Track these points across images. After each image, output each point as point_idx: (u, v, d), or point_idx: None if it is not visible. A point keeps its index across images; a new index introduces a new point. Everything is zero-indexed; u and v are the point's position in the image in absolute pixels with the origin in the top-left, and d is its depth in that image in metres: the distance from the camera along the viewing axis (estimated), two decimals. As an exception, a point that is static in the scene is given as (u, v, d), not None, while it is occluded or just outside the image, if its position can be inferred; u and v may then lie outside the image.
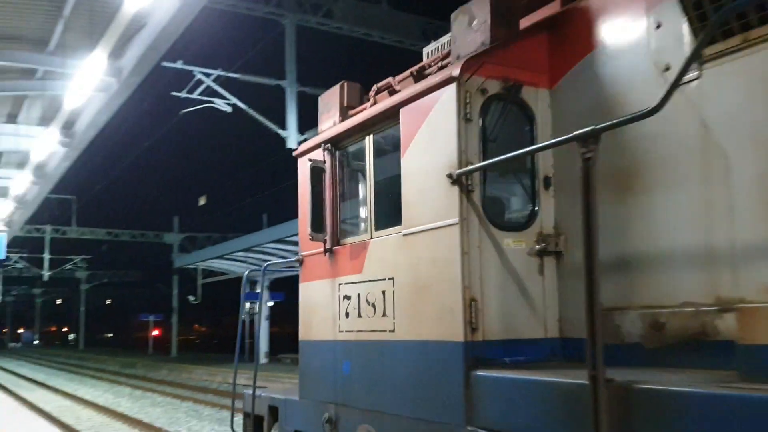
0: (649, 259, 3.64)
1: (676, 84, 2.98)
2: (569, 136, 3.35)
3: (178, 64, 21.09)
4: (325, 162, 5.83)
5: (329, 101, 6.22)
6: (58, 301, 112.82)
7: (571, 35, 4.56)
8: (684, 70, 2.97)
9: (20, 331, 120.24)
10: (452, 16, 4.89)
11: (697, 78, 3.60)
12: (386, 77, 5.70)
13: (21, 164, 18.41)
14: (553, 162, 4.54)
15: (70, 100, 11.33)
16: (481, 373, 3.99)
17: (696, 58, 3.10)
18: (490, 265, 4.33)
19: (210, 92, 21.79)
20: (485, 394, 3.92)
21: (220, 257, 35.81)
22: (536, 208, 4.56)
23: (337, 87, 6.16)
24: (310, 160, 5.91)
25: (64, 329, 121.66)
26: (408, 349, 4.68)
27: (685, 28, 3.61)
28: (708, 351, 3.36)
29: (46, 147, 13.92)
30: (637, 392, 3.03)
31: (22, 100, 16.06)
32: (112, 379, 32.75)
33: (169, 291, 53.72)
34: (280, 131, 21.27)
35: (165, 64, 20.44)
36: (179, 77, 21.99)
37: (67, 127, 16.68)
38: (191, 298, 45.35)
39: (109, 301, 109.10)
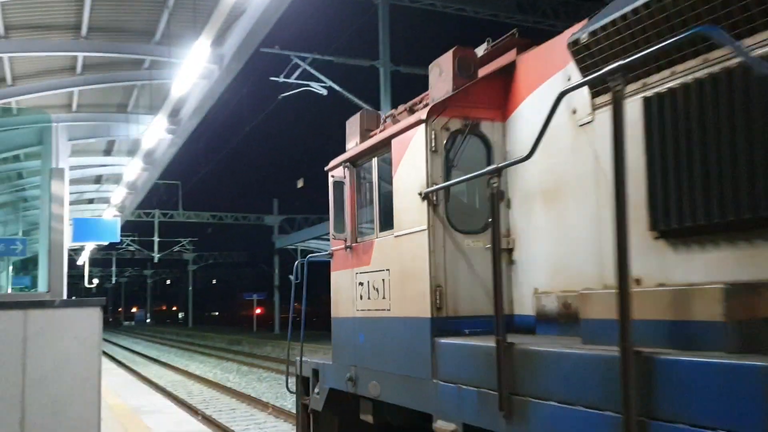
0: (564, 254, 4.74)
1: (540, 137, 4.05)
2: (481, 171, 4.81)
3: (276, 50, 21.53)
4: (345, 177, 7.21)
5: (353, 126, 7.59)
6: (168, 282, 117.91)
7: (519, 79, 5.81)
8: (543, 130, 4.02)
9: (133, 310, 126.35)
10: (429, 67, 6.23)
11: (591, 121, 4.78)
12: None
13: (131, 152, 19.33)
14: (505, 180, 5.75)
15: (176, 88, 11.80)
16: (441, 340, 5.35)
17: (545, 130, 4.05)
18: (453, 260, 5.62)
19: (306, 76, 22.14)
20: (443, 356, 5.31)
21: (318, 238, 36.47)
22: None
23: (358, 114, 7.55)
24: (332, 176, 7.43)
25: (174, 308, 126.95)
26: (398, 323, 6.06)
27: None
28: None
29: (155, 134, 14.56)
30: (520, 351, 4.33)
31: (131, 90, 16.83)
32: (219, 355, 34.03)
33: (271, 270, 55.23)
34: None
35: (263, 49, 20.95)
36: (277, 62, 22.46)
37: (173, 114, 17.35)
38: (291, 277, 46.66)
39: (214, 281, 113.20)
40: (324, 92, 22.12)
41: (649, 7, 4.02)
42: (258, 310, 68.75)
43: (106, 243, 28.78)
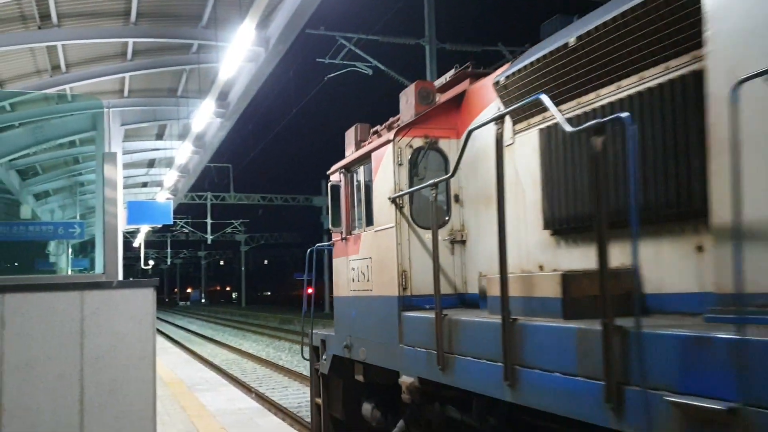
0: (496, 245, 5.33)
1: (458, 162, 5.57)
2: (424, 185, 6.17)
3: (321, 31, 21.56)
4: (341, 181, 8.56)
5: (349, 137, 8.85)
6: (221, 262, 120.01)
7: (469, 105, 6.99)
8: (460, 156, 5.57)
9: (188, 290, 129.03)
10: (399, 95, 7.72)
11: (512, 144, 5.97)
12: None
13: (182, 135, 19.66)
14: (459, 185, 7.06)
15: (223, 71, 11.92)
16: (405, 313, 6.63)
17: (460, 160, 5.57)
18: (415, 250, 6.90)
19: (351, 56, 22.14)
20: (406, 326, 6.59)
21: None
22: (449, 215, 7.10)
23: (353, 127, 8.76)
24: (330, 179, 8.89)
25: (227, 288, 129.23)
26: (377, 300, 7.37)
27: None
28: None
29: (204, 118, 14.77)
30: (449, 321, 5.64)
31: (180, 74, 17.10)
32: (272, 334, 34.58)
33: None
34: (421, 90, 21.30)
35: (308, 31, 21.00)
36: (322, 43, 22.53)
37: (222, 98, 17.58)
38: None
39: (266, 262, 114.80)
40: (369, 72, 22.10)
41: (540, 62, 5.43)
42: (309, 290, 69.41)
43: (159, 225, 29.38)
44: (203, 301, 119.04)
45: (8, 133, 17.64)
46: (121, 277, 13.66)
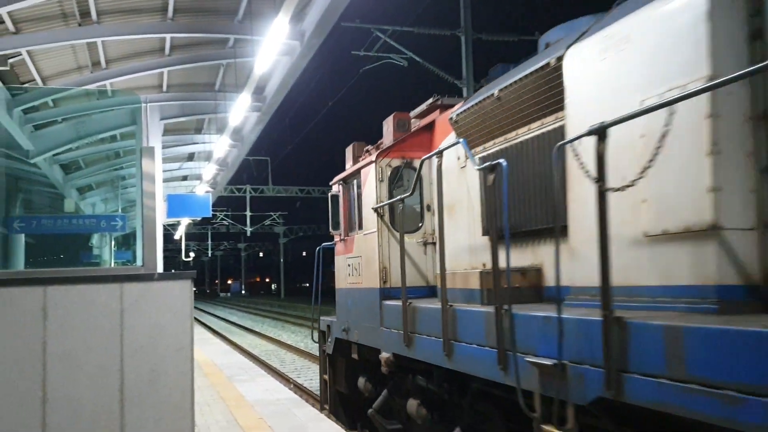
0: (457, 248, 7.19)
1: (416, 183, 7.46)
2: (392, 200, 8.06)
3: (356, 23, 21.55)
4: (339, 191, 10.18)
5: (348, 153, 10.30)
6: (261, 254, 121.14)
7: (436, 132, 8.45)
8: (417, 178, 7.49)
9: (229, 282, 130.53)
10: (382, 122, 9.38)
11: (464, 166, 7.24)
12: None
13: (220, 129, 19.87)
14: (431, 197, 8.44)
15: (258, 65, 12.00)
16: (384, 302, 8.21)
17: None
18: (394, 251, 8.34)
19: (386, 48, 22.09)
20: (385, 312, 8.13)
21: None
22: (422, 222, 8.64)
23: (351, 145, 10.22)
24: (331, 189, 10.58)
25: (267, 279, 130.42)
26: (365, 292, 8.97)
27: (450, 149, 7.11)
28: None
29: (240, 112, 14.90)
30: (412, 308, 7.21)
31: (217, 68, 17.27)
32: (310, 325, 34.77)
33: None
34: (456, 81, 21.21)
35: (343, 23, 21.01)
36: (358, 36, 22.51)
37: (258, 92, 17.72)
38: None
39: (304, 253, 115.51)
40: (404, 63, 22.03)
41: (478, 106, 6.89)
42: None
43: (199, 218, 29.76)
44: (243, 292, 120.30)
45: (51, 129, 18.02)
46: (160, 269, 13.99)
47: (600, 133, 3.94)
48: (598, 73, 5.01)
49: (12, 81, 14.55)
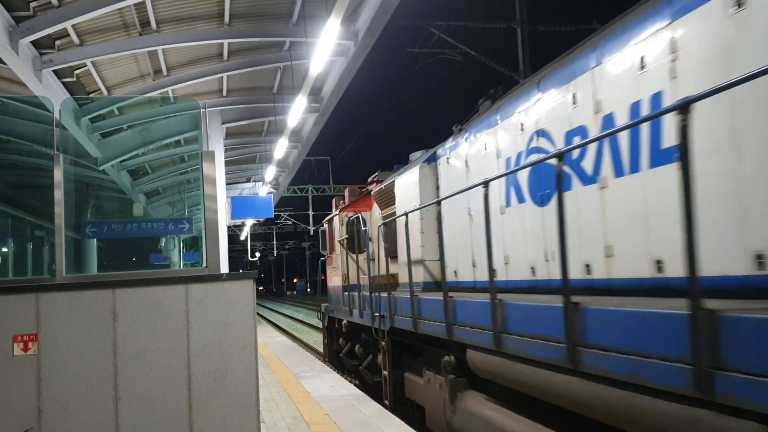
0: (379, 263, 12.11)
1: (352, 237, 13.02)
2: (340, 238, 14.11)
3: (410, 21, 21.52)
4: (326, 228, 16.39)
5: (333, 203, 16.07)
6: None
7: (373, 197, 13.27)
8: (354, 234, 12.97)
9: (294, 280, 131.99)
10: (345, 191, 15.37)
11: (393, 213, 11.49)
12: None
13: (280, 132, 20.12)
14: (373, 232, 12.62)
15: (314, 66, 12.12)
16: (344, 293, 13.69)
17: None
18: (351, 265, 13.45)
19: (441, 43, 21.99)
20: (344, 298, 13.72)
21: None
22: (368, 246, 12.11)
23: (334, 199, 16.08)
24: (321, 226, 17.30)
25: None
26: (337, 288, 14.91)
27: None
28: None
29: (298, 114, 15.07)
30: (351, 294, 13.49)
31: (274, 72, 17.51)
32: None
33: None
34: (512, 74, 20.96)
35: (398, 22, 21.00)
36: (412, 33, 22.49)
37: (315, 93, 17.90)
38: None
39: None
40: (459, 59, 21.87)
41: (379, 191, 12.37)
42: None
43: (262, 219, 30.20)
44: (308, 290, 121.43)
45: (118, 136, 18.60)
46: (226, 270, 14.30)
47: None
48: (402, 191, 10.97)
49: (78, 91, 15.07)
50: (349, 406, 9.18)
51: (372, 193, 12.82)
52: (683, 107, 3.45)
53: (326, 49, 11.13)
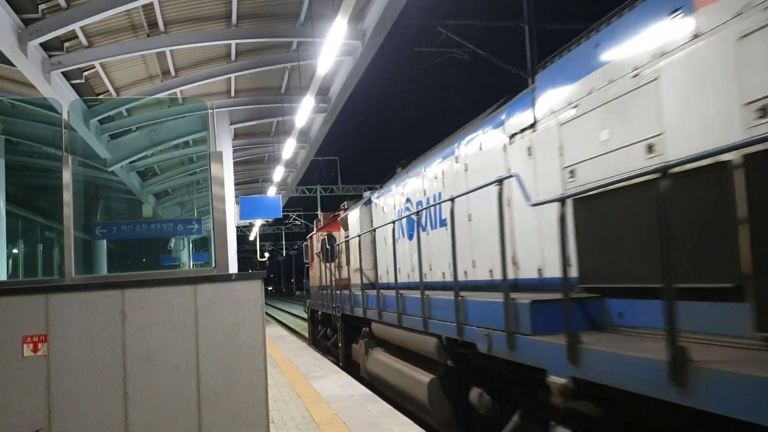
0: (350, 269, 15.43)
1: (327, 252, 17.14)
2: (317, 252, 19.89)
3: (417, 20, 21.49)
4: (308, 242, 22.02)
5: (314, 224, 22.64)
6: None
7: (341, 222, 17.30)
8: (329, 249, 17.10)
9: (304, 280, 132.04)
10: (321, 216, 22.37)
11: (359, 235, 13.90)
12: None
13: (288, 132, 20.14)
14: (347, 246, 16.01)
15: (321, 66, 12.08)
16: (320, 291, 19.05)
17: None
18: (326, 273, 16.84)
19: (448, 42, 21.93)
20: (319, 294, 19.19)
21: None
22: (338, 257, 16.33)
23: (315, 220, 22.46)
24: (305, 241, 24.05)
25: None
26: (316, 288, 20.02)
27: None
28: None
29: (305, 114, 15.05)
30: (322, 292, 18.93)
31: (282, 72, 17.53)
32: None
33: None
34: (521, 72, 20.90)
35: (405, 21, 20.97)
36: (420, 33, 22.45)
37: (323, 93, 17.91)
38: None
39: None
40: (466, 57, 21.82)
41: (342, 217, 17.45)
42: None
43: (271, 219, 30.25)
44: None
45: (126, 138, 18.66)
46: (235, 270, 14.36)
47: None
48: (352, 221, 15.30)
49: (87, 93, 15.12)
50: (358, 406, 9.15)
51: (338, 219, 17.67)
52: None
53: (333, 48, 11.11)
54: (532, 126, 6.83)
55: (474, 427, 7.69)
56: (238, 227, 28.76)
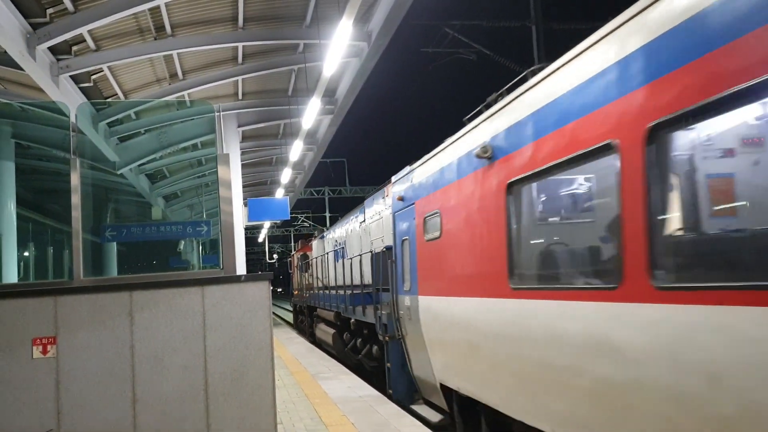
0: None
1: (301, 264, 29.43)
2: (298, 266, 30.27)
3: (423, 21, 21.44)
4: (292, 260, 33.17)
5: (299, 243, 33.71)
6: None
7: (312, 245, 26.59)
8: (303, 263, 28.90)
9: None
10: (299, 242, 35.87)
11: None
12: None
13: (295, 134, 20.19)
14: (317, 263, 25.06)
15: (327, 68, 12.05)
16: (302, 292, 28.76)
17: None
18: (306, 283, 25.75)
19: (455, 43, 21.84)
20: (301, 297, 29.15)
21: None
22: (311, 269, 25.16)
23: (299, 241, 34.84)
24: (289, 258, 39.91)
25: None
26: (295, 294, 30.97)
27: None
28: None
29: (312, 115, 15.03)
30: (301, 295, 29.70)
31: (289, 75, 17.55)
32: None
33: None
34: (527, 73, 20.74)
35: (411, 21, 20.92)
36: (426, 33, 22.38)
37: (329, 94, 17.92)
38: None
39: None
40: (473, 57, 21.75)
41: (312, 243, 27.08)
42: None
43: (279, 221, 30.47)
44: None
45: (135, 141, 18.73)
46: (243, 272, 14.32)
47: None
48: (314, 248, 25.14)
49: (96, 96, 15.18)
50: (366, 407, 9.14)
51: (309, 244, 26.44)
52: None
53: (339, 50, 11.10)
54: (364, 220, 15.53)
55: (354, 351, 14.88)
56: (246, 229, 28.92)
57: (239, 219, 18.91)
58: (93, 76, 14.47)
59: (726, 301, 3.36)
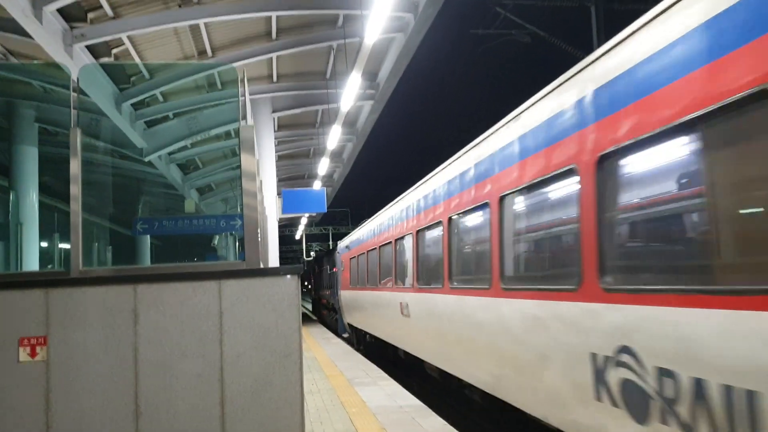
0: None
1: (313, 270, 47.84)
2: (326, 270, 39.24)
3: (473, -1, 20.41)
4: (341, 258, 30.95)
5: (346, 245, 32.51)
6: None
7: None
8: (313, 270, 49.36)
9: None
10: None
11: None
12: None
13: (332, 122, 19.19)
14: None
15: (369, 38, 10.80)
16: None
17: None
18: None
19: (507, 23, 20.75)
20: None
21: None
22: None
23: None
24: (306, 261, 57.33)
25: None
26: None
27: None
28: None
29: (352, 94, 13.88)
30: None
31: (327, 54, 16.44)
32: None
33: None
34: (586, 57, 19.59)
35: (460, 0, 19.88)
36: (476, 13, 21.35)
37: (370, 78, 16.89)
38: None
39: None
40: (527, 40, 20.59)
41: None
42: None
43: (315, 213, 29.67)
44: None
45: (163, 126, 17.82)
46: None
47: None
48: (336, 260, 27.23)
49: (118, 74, 14.25)
50: (408, 420, 8.45)
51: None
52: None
53: (383, 16, 9.86)
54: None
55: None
56: (283, 226, 28.57)
57: (273, 211, 17.90)
58: (114, 50, 13.42)
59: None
